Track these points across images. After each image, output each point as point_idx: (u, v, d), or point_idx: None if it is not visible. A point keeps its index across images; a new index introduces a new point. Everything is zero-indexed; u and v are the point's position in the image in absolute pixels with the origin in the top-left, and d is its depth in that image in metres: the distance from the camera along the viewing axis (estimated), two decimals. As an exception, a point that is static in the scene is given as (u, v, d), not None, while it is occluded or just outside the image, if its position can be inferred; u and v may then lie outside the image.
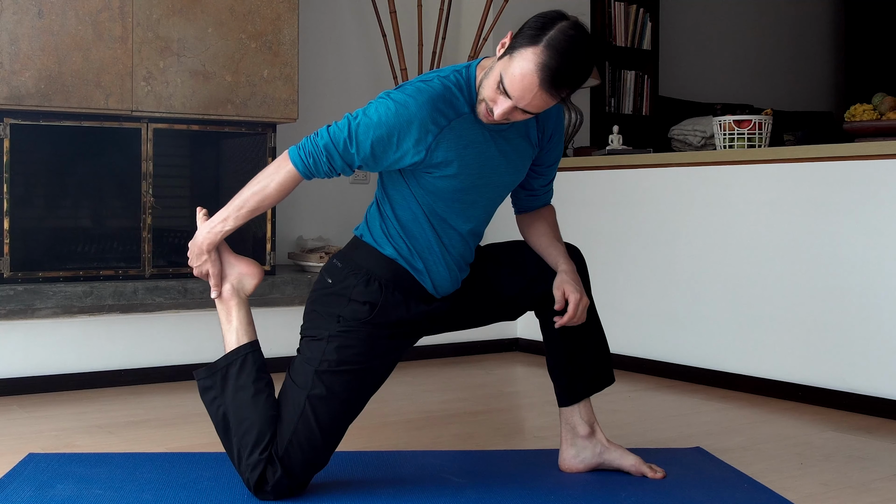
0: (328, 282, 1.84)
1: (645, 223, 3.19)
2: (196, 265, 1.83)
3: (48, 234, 3.07)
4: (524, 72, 1.61)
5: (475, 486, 1.89)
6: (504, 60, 1.65)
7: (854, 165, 2.64)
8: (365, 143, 1.70)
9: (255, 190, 1.77)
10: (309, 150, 1.73)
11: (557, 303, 1.84)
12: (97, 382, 2.87)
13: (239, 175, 3.33)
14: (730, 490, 1.88)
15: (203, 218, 1.85)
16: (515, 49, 1.63)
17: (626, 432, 2.35)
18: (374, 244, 1.82)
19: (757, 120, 2.95)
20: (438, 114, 1.70)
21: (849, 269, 2.65)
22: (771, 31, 5.51)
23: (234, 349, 1.81)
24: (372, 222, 1.84)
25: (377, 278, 1.80)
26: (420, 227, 1.80)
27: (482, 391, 2.95)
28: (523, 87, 1.62)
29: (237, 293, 1.85)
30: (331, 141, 1.72)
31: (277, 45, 3.14)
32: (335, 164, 1.73)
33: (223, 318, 1.85)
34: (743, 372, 2.91)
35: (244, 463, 1.74)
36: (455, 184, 1.76)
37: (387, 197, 1.82)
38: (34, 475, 1.91)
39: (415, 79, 1.77)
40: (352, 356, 1.78)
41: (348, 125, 1.72)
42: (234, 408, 1.77)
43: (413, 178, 1.78)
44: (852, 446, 2.25)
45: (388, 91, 1.75)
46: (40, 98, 2.79)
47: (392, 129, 1.69)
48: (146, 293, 2.91)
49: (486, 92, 1.68)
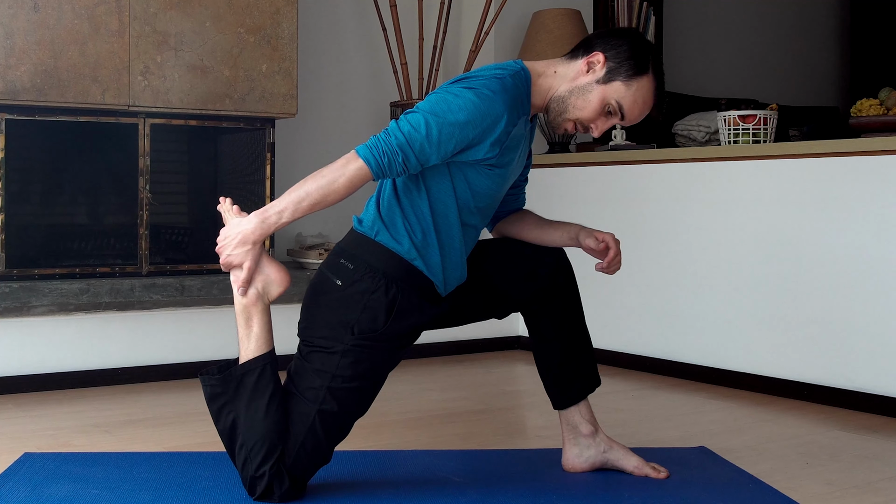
0: (337, 283, 1.74)
1: (648, 220, 3.17)
2: (234, 254, 1.69)
3: (44, 230, 3.05)
4: (646, 100, 1.76)
5: (476, 485, 1.87)
6: (607, 86, 1.74)
7: (860, 161, 2.63)
8: (448, 145, 1.65)
9: (322, 184, 1.64)
10: (383, 150, 1.63)
11: (597, 246, 1.86)
12: (93, 381, 2.86)
13: (237, 171, 3.32)
14: (734, 490, 1.87)
15: (232, 209, 1.74)
16: (622, 76, 1.73)
17: (629, 431, 2.34)
18: (389, 241, 1.74)
19: (762, 115, 2.93)
20: (515, 114, 1.70)
21: (855, 265, 2.64)
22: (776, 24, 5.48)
23: (254, 358, 1.73)
24: (389, 216, 1.75)
25: (395, 280, 1.73)
26: (447, 222, 1.75)
27: (483, 390, 2.94)
28: (642, 113, 1.77)
29: (261, 298, 1.74)
30: (406, 141, 1.64)
31: (276, 40, 3.12)
32: (409, 165, 1.66)
33: (242, 323, 1.74)
34: (748, 370, 2.90)
35: (251, 475, 1.71)
36: (498, 182, 1.76)
37: (424, 189, 1.73)
38: (29, 475, 1.89)
39: (484, 72, 1.71)
40: (365, 371, 1.73)
41: (426, 125, 1.64)
42: (247, 418, 1.70)
43: (460, 173, 1.73)
44: (858, 445, 2.24)
45: (464, 84, 1.67)
46: (36, 93, 2.77)
47: (478, 128, 1.65)
48: (143, 290, 2.89)
49: (582, 113, 1.75)
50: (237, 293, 1.74)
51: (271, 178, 3.18)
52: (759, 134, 2.95)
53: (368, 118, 3.86)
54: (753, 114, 2.93)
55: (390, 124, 1.68)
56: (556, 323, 1.92)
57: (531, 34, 3.72)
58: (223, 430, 1.73)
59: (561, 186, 3.47)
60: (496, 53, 3.87)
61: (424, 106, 1.67)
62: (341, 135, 3.80)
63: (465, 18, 3.95)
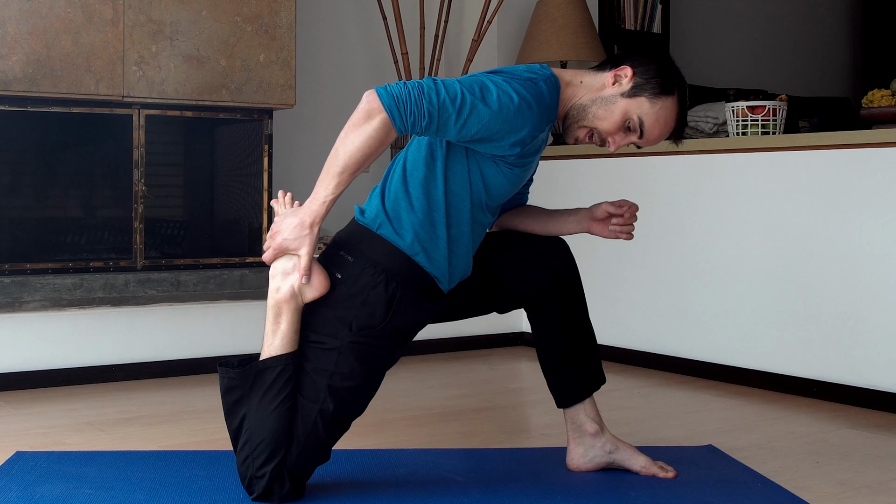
0: (337, 277, 1.72)
1: (654, 213, 3.16)
2: (291, 238, 1.66)
3: (36, 224, 3.04)
4: (668, 121, 1.77)
5: (479, 485, 1.86)
6: (631, 100, 1.74)
7: (872, 153, 2.61)
8: (472, 128, 1.63)
9: (352, 150, 1.61)
10: (411, 109, 1.59)
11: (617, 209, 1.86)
12: (87, 378, 2.85)
13: (234, 163, 3.30)
14: (743, 490, 1.86)
15: (286, 201, 1.74)
16: (648, 92, 1.73)
17: (636, 430, 2.33)
18: (391, 235, 1.71)
19: (771, 106, 2.92)
20: (544, 121, 1.71)
21: (866, 260, 2.62)
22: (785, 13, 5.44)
23: (276, 356, 1.70)
24: (394, 209, 1.72)
25: (395, 276, 1.71)
26: (459, 215, 1.74)
27: (486, 387, 2.93)
28: (661, 135, 1.77)
29: (295, 297, 1.70)
30: (438, 109, 1.59)
31: (274, 29, 3.11)
32: (428, 132, 1.63)
33: (271, 317, 1.71)
34: (756, 367, 2.88)
35: (251, 474, 1.70)
36: (513, 182, 1.76)
37: (442, 178, 1.71)
38: (21, 474, 1.88)
39: (519, 71, 1.69)
40: (365, 369, 1.71)
41: (461, 100, 1.60)
42: (256, 415, 1.69)
43: (478, 167, 1.72)
44: (870, 444, 2.23)
45: (503, 76, 1.66)
46: (28, 83, 2.75)
47: (506, 124, 1.64)
48: (138, 285, 2.88)
49: (602, 123, 1.75)
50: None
51: (269, 171, 3.18)
52: (768, 125, 2.93)
53: (368, 109, 3.82)
54: (762, 105, 2.92)
55: (425, 81, 1.63)
56: (560, 319, 1.90)
57: (535, 23, 3.68)
58: (233, 425, 1.72)
59: (566, 178, 3.45)
60: (499, 42, 3.84)
61: (464, 81, 1.64)
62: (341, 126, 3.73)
63: (467, 6, 3.92)
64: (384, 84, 1.65)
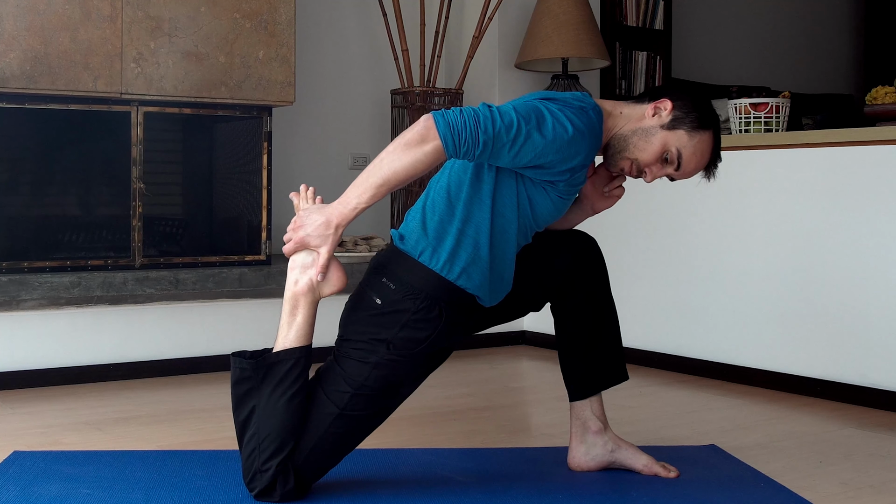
0: (376, 302, 1.73)
1: (656, 211, 3.15)
2: (314, 234, 1.67)
3: (34, 222, 3.03)
4: (704, 154, 1.81)
5: (480, 485, 1.86)
6: (670, 132, 1.78)
7: (875, 150, 2.60)
8: (525, 155, 1.66)
9: (397, 168, 1.62)
10: (465, 138, 1.61)
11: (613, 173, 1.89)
12: (85, 377, 2.85)
13: (233, 160, 3.28)
14: (746, 489, 1.85)
15: (308, 196, 1.73)
16: (687, 125, 1.78)
17: (638, 429, 2.32)
18: (434, 261, 1.72)
19: (774, 103, 2.91)
20: (594, 151, 1.75)
21: (870, 258, 2.61)
22: (789, 9, 5.42)
23: (290, 349, 1.71)
24: (438, 232, 1.73)
25: (438, 301, 1.72)
26: (505, 238, 1.76)
27: (487, 386, 2.92)
28: (697, 167, 1.82)
29: (313, 291, 1.72)
30: (493, 138, 1.62)
31: (273, 25, 3.10)
32: (481, 158, 1.65)
33: (287, 310, 1.73)
34: (759, 366, 2.87)
35: (256, 467, 1.69)
36: (558, 208, 1.79)
37: (490, 201, 1.73)
38: (19, 474, 1.87)
39: (572, 100, 1.73)
40: (394, 383, 1.73)
41: (517, 129, 1.63)
42: (266, 407, 1.69)
43: (526, 192, 1.75)
44: (873, 444, 2.22)
45: (556, 104, 1.69)
46: (25, 80, 2.75)
47: (559, 153, 1.68)
48: (136, 284, 2.87)
49: (642, 154, 1.79)
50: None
51: (268, 168, 3.17)
52: (770, 122, 2.93)
53: (368, 106, 3.83)
54: (765, 102, 2.92)
55: (480, 108, 1.64)
56: (582, 305, 1.91)
57: (536, 19, 3.66)
58: (240, 417, 1.72)
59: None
60: (500, 39, 3.82)
61: (520, 109, 1.66)
62: (340, 124, 3.77)
63: (468, 3, 3.91)
64: (441, 109, 1.66)
